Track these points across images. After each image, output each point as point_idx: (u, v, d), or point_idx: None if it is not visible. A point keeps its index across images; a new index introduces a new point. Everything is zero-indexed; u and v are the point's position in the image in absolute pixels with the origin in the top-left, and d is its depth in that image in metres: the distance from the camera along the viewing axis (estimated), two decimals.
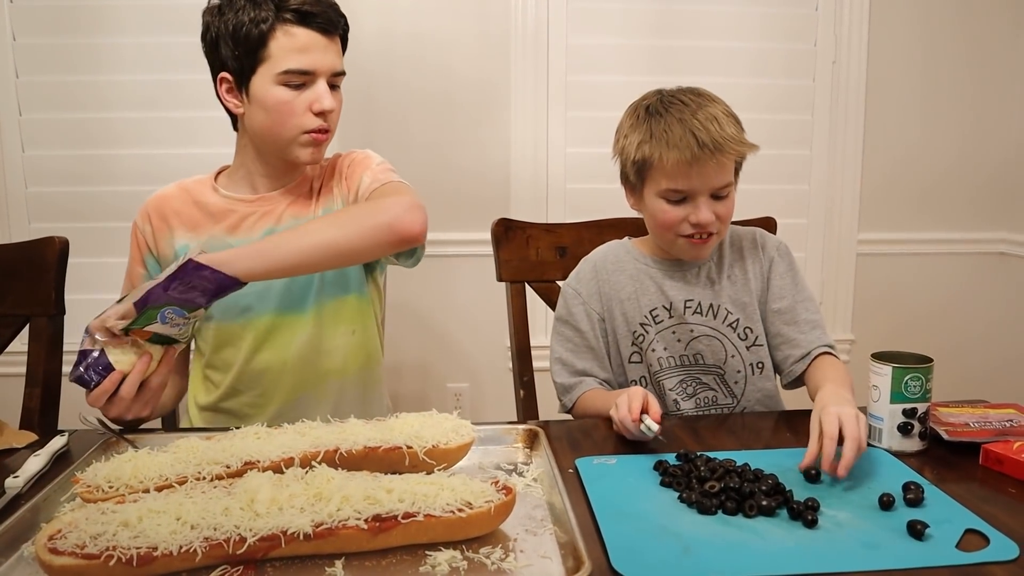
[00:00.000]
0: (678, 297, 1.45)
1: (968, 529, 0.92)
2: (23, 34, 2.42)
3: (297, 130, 1.39)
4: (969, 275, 2.80)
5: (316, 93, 1.38)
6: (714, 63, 2.59)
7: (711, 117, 1.33)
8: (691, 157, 1.31)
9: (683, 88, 1.41)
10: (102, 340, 1.18)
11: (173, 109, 2.46)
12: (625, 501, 0.99)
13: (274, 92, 1.37)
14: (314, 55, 1.37)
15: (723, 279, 1.47)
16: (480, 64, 2.55)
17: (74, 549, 0.79)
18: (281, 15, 1.35)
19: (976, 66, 2.68)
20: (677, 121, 1.34)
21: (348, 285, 1.50)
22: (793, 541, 0.90)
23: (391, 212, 1.29)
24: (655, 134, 1.35)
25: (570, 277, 1.54)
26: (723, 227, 1.40)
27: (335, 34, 1.41)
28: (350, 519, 0.84)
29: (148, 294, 1.15)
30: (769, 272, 1.48)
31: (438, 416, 1.11)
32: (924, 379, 1.16)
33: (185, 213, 1.48)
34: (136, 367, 1.20)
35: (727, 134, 1.32)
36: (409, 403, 2.62)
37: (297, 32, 1.36)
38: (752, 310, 1.46)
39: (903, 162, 2.71)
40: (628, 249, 1.52)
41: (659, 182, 1.37)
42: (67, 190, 2.49)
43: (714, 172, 1.34)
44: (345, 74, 1.44)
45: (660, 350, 1.45)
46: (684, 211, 1.36)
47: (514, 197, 2.60)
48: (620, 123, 1.46)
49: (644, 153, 1.36)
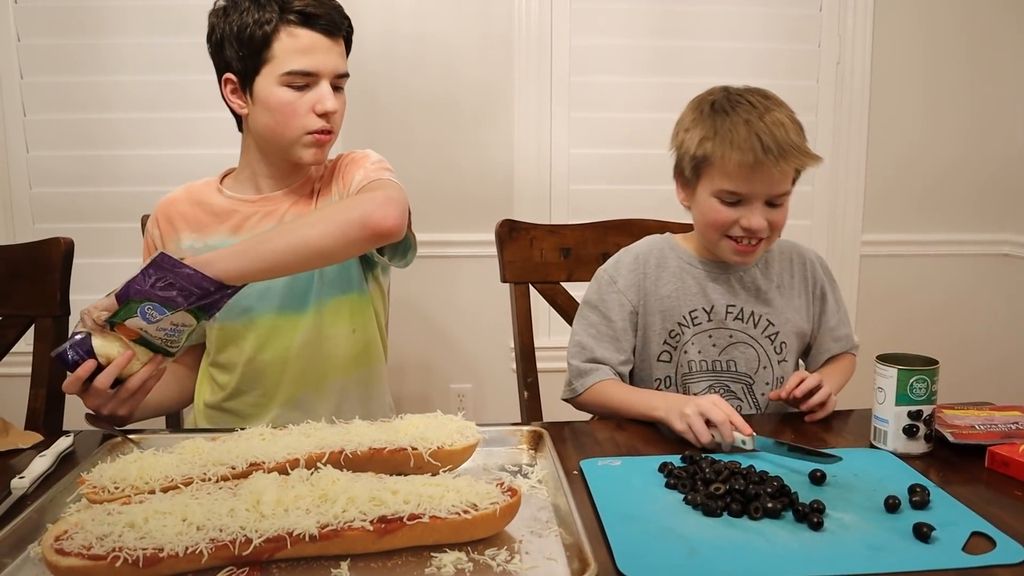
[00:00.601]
0: (720, 301, 1.44)
1: (974, 532, 0.92)
2: (27, 35, 2.43)
3: (300, 131, 1.40)
4: (973, 277, 2.80)
5: (319, 94, 1.39)
6: (718, 64, 2.59)
7: (778, 122, 1.31)
8: (754, 160, 1.29)
9: (750, 88, 1.39)
10: (89, 327, 1.19)
11: (177, 110, 2.46)
12: (630, 503, 0.99)
13: (277, 93, 1.38)
14: (317, 56, 1.38)
15: (771, 289, 1.46)
16: (483, 65, 2.55)
17: (80, 550, 0.79)
18: (285, 16, 1.36)
19: (981, 67, 2.68)
20: (743, 122, 1.31)
21: (349, 284, 1.50)
22: (798, 543, 0.90)
23: (362, 207, 1.27)
24: (719, 132, 1.33)
25: (608, 264, 1.51)
26: (774, 235, 1.39)
27: (339, 36, 1.41)
28: (356, 520, 0.84)
29: (127, 286, 1.15)
30: (823, 295, 1.51)
31: (443, 417, 1.11)
32: (930, 381, 1.16)
33: (190, 215, 1.49)
34: (115, 361, 1.19)
35: (792, 142, 1.30)
36: (412, 404, 2.62)
37: (300, 33, 1.36)
38: (792, 326, 1.46)
39: (907, 163, 2.70)
40: (672, 246, 1.49)
41: (716, 181, 1.34)
42: (71, 191, 2.50)
43: (774, 179, 1.32)
44: (348, 76, 1.45)
45: (694, 353, 1.44)
46: (737, 214, 1.34)
47: (517, 198, 2.60)
48: (681, 116, 1.43)
49: (706, 150, 1.34)
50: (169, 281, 1.15)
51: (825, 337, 1.52)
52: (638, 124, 2.59)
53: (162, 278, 1.15)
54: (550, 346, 2.38)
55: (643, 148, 2.59)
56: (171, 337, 1.22)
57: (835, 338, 1.52)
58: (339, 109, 1.43)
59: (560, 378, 1.49)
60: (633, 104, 2.59)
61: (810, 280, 1.50)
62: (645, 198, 2.51)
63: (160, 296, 1.16)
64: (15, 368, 1.84)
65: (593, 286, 1.50)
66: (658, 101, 2.59)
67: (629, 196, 2.54)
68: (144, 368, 1.23)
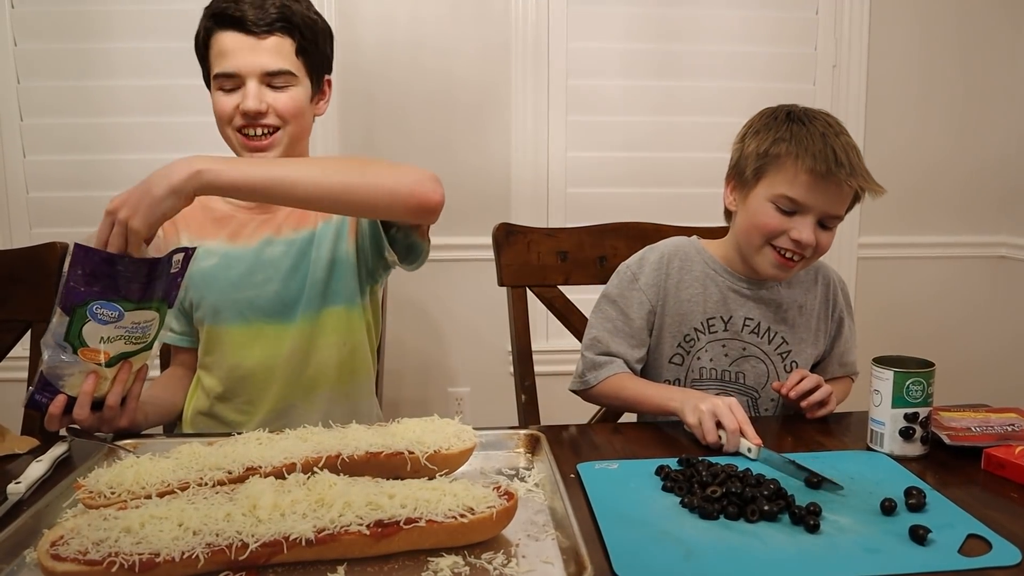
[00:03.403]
0: (739, 313, 1.44)
1: (970, 534, 0.92)
2: (24, 39, 2.43)
3: (230, 131, 1.42)
4: (969, 279, 2.80)
5: (243, 94, 1.38)
6: (714, 67, 2.60)
7: (851, 146, 1.33)
8: (825, 171, 1.29)
9: (820, 110, 1.39)
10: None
11: (174, 114, 2.47)
12: (627, 506, 0.99)
13: (214, 97, 1.42)
14: (236, 58, 1.37)
15: (792, 307, 1.46)
16: (481, 68, 2.56)
17: (76, 555, 0.79)
18: (209, 22, 1.39)
19: (977, 69, 2.69)
20: (820, 135, 1.31)
21: (342, 296, 1.48)
22: (795, 546, 0.90)
23: (415, 175, 1.25)
24: (796, 136, 1.32)
25: (631, 260, 1.50)
26: (814, 258, 1.39)
27: (266, 34, 1.38)
28: (352, 525, 0.84)
29: (64, 293, 1.12)
30: (840, 321, 1.51)
31: (440, 421, 1.11)
32: (926, 384, 1.16)
33: (191, 217, 1.48)
34: (82, 390, 1.16)
35: (862, 166, 1.32)
36: (410, 408, 2.62)
37: (222, 36, 1.38)
38: (805, 346, 1.47)
39: (904, 166, 2.71)
40: (699, 250, 1.49)
41: (778, 185, 1.33)
42: (69, 195, 2.50)
43: (836, 196, 1.32)
44: (291, 73, 1.40)
45: (705, 360, 1.45)
46: (789, 224, 1.33)
47: (515, 201, 2.61)
48: (749, 120, 1.42)
49: (779, 151, 1.32)
50: (93, 271, 1.11)
51: (832, 361, 1.53)
52: (635, 128, 2.60)
53: (88, 271, 1.11)
54: (547, 349, 2.39)
55: (640, 151, 2.60)
56: (135, 335, 1.18)
57: (841, 363, 1.53)
58: (273, 108, 1.40)
59: (557, 381, 1.49)
60: (630, 108, 2.60)
61: (831, 304, 1.51)
62: (642, 201, 2.53)
63: (100, 292, 1.12)
64: (12, 373, 1.84)
65: (614, 280, 1.50)
66: (655, 105, 2.60)
67: (626, 199, 2.55)
68: (115, 384, 1.19)
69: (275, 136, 1.41)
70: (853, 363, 1.54)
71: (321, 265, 1.45)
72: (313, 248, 1.46)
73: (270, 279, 1.45)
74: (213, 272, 1.46)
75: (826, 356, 1.53)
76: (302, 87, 1.43)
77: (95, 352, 1.15)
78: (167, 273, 1.18)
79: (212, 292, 1.46)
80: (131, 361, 1.21)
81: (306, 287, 1.46)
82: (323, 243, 1.46)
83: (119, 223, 1.09)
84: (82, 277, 1.11)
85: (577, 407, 1.53)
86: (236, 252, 1.46)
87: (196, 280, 1.46)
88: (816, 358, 1.51)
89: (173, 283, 1.21)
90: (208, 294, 1.47)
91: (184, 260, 1.21)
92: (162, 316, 1.21)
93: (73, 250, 1.10)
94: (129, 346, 1.18)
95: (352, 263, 1.48)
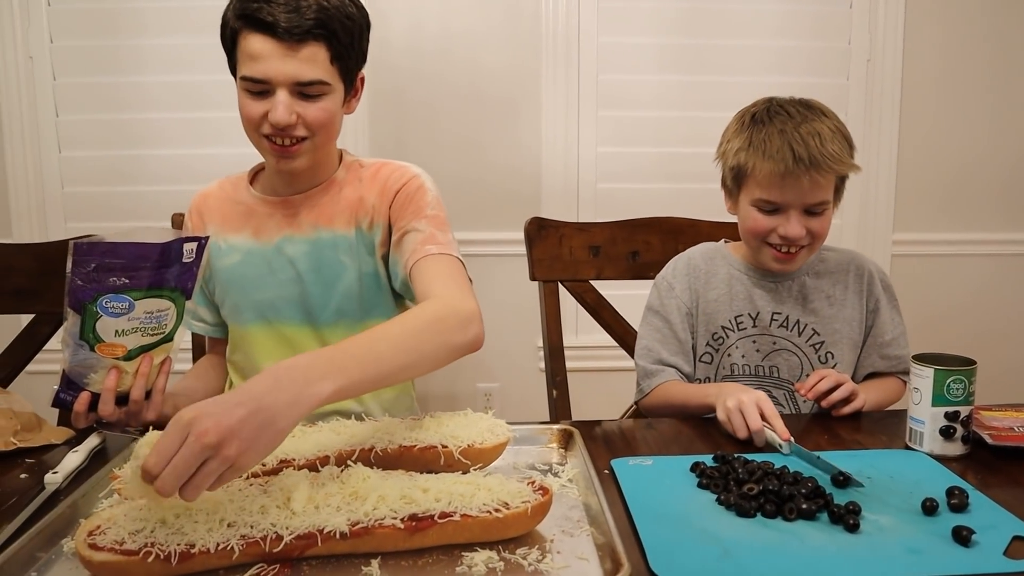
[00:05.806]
0: (766, 308, 1.46)
1: (1016, 536, 0.90)
2: (60, 37, 2.46)
3: (257, 137, 1.34)
4: (1005, 275, 2.75)
5: (272, 104, 1.29)
6: (746, 61, 2.57)
7: (814, 132, 1.32)
8: (784, 170, 1.31)
9: (794, 99, 1.40)
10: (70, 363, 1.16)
11: (207, 109, 2.49)
12: (662, 503, 0.98)
13: (241, 97, 1.33)
14: (267, 64, 1.27)
15: (820, 298, 1.46)
16: (511, 63, 2.55)
17: (113, 545, 0.80)
18: (239, 21, 1.29)
19: (1015, 62, 2.63)
20: (778, 132, 1.33)
21: (378, 309, 1.45)
22: (834, 546, 0.88)
23: (469, 333, 1.18)
24: (753, 142, 1.35)
25: (665, 270, 1.55)
26: (815, 243, 1.40)
27: (300, 43, 1.27)
28: (386, 518, 0.84)
29: (71, 292, 1.12)
30: (876, 309, 1.49)
31: (473, 415, 1.11)
32: (967, 382, 1.14)
33: (218, 210, 1.48)
34: (104, 386, 1.17)
35: (827, 151, 1.31)
36: (439, 403, 2.62)
37: (252, 39, 1.27)
38: (840, 336, 1.46)
39: (939, 162, 2.67)
40: (724, 254, 1.52)
41: (753, 191, 1.38)
42: (103, 190, 2.53)
43: (808, 188, 1.33)
44: (324, 83, 1.31)
45: (737, 356, 1.46)
46: (775, 222, 1.37)
47: (545, 197, 2.60)
48: (727, 127, 1.46)
49: (740, 160, 1.38)
50: (96, 265, 1.11)
51: (871, 352, 1.49)
52: (665, 123, 2.58)
53: (89, 266, 1.11)
54: (579, 345, 2.38)
55: (670, 146, 2.58)
56: (150, 326, 1.17)
57: (882, 355, 1.48)
58: (302, 119, 1.31)
59: (589, 377, 1.49)
60: (660, 103, 2.58)
61: (865, 292, 1.49)
62: (673, 196, 2.51)
63: (107, 285, 1.12)
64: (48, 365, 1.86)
65: (654, 292, 1.54)
66: (685, 99, 2.58)
67: (656, 195, 2.53)
68: (138, 377, 1.19)
69: (303, 144, 1.34)
70: (899, 358, 1.48)
71: (352, 277, 1.42)
72: (337, 253, 1.41)
73: (290, 280, 1.42)
74: (235, 270, 1.44)
75: (864, 346, 1.50)
76: (335, 95, 1.35)
77: (112, 347, 1.16)
78: (179, 262, 1.17)
79: (234, 291, 1.45)
80: (151, 354, 1.20)
81: (335, 295, 1.42)
82: (346, 250, 1.41)
83: (223, 459, 0.79)
84: (86, 273, 1.12)
85: (608, 403, 1.53)
86: (257, 249, 1.43)
87: (221, 277, 1.46)
88: (857, 349, 1.49)
89: (188, 272, 1.20)
90: (231, 292, 1.46)
91: (198, 249, 1.20)
92: (179, 307, 1.21)
93: (73, 249, 1.11)
94: (147, 338, 1.19)
95: (384, 279, 1.45)
